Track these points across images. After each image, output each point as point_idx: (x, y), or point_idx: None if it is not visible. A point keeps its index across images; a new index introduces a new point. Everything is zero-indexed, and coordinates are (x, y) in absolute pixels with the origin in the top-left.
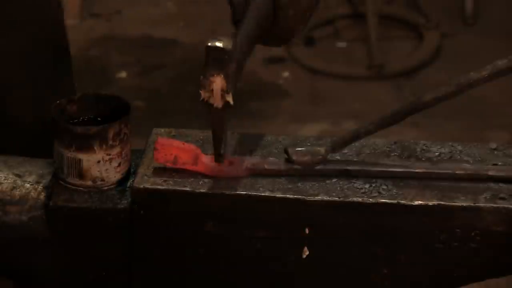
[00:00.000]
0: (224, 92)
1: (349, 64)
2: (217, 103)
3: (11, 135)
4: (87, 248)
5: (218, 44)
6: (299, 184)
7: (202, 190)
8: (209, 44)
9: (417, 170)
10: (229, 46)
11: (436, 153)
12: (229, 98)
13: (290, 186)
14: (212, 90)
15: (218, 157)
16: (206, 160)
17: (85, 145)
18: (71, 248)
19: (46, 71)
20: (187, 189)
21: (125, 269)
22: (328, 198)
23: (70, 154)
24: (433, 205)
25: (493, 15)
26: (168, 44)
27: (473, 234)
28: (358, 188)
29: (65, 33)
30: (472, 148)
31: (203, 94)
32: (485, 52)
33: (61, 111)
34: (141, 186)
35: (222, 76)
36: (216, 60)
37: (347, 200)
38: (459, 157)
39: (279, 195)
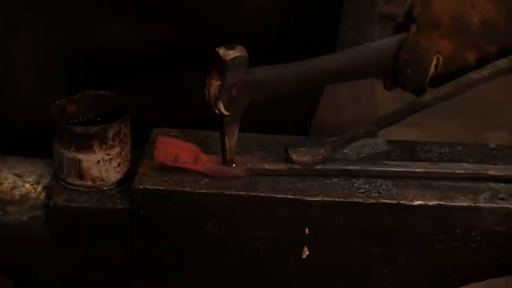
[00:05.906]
0: (216, 99)
1: None
2: (213, 107)
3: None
4: (87, 248)
5: (222, 53)
6: (299, 184)
7: (202, 190)
8: (217, 49)
9: (417, 170)
10: (229, 58)
11: (436, 153)
12: (220, 107)
13: (290, 186)
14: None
15: (226, 161)
16: (206, 160)
17: (85, 145)
18: (71, 248)
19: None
20: (187, 189)
21: (125, 269)
22: (328, 198)
23: (69, 154)
24: (433, 205)
25: None
26: None
27: (473, 234)
28: (358, 188)
29: None
30: (472, 148)
31: (207, 94)
32: None
33: (61, 111)
34: (141, 186)
35: (218, 82)
36: (216, 66)
37: (347, 200)
38: (459, 157)
39: (279, 195)
